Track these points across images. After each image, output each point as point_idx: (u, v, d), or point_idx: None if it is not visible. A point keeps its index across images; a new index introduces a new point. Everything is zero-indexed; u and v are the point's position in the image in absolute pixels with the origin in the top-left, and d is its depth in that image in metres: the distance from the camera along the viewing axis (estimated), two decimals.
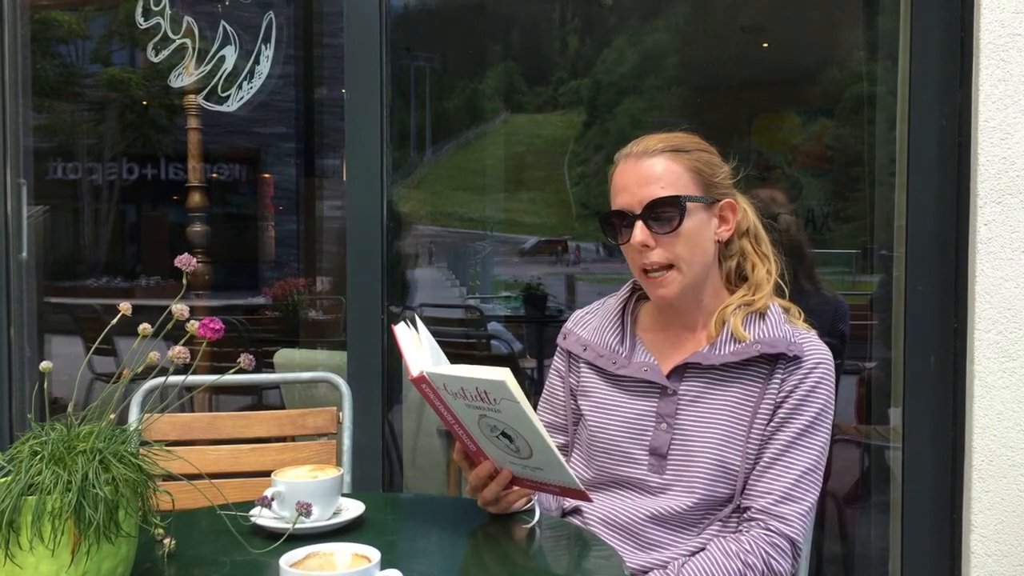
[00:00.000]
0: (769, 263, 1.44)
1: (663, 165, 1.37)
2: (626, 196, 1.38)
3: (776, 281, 1.43)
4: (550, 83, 8.89)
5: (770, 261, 1.44)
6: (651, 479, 1.38)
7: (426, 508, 1.45)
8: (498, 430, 1.19)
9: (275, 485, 1.24)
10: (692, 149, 1.40)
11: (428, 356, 1.24)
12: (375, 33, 2.26)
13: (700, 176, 1.38)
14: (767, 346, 1.34)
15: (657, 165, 1.37)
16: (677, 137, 1.41)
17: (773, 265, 1.44)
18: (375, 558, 0.95)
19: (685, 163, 1.38)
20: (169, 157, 10.52)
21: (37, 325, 2.85)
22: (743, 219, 1.44)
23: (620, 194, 1.39)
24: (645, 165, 1.37)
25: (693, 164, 1.38)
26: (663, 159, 1.37)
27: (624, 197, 1.38)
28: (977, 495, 1.87)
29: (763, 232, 1.47)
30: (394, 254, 2.31)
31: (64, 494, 0.95)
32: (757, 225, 1.47)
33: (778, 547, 1.31)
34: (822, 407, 1.36)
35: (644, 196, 1.35)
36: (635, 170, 1.38)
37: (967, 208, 1.89)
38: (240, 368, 1.06)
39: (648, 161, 1.37)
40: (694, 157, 1.39)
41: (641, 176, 1.37)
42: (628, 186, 1.38)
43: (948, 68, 1.94)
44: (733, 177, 1.44)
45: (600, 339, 1.47)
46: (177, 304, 1.00)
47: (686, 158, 1.38)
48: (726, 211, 1.41)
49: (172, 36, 2.56)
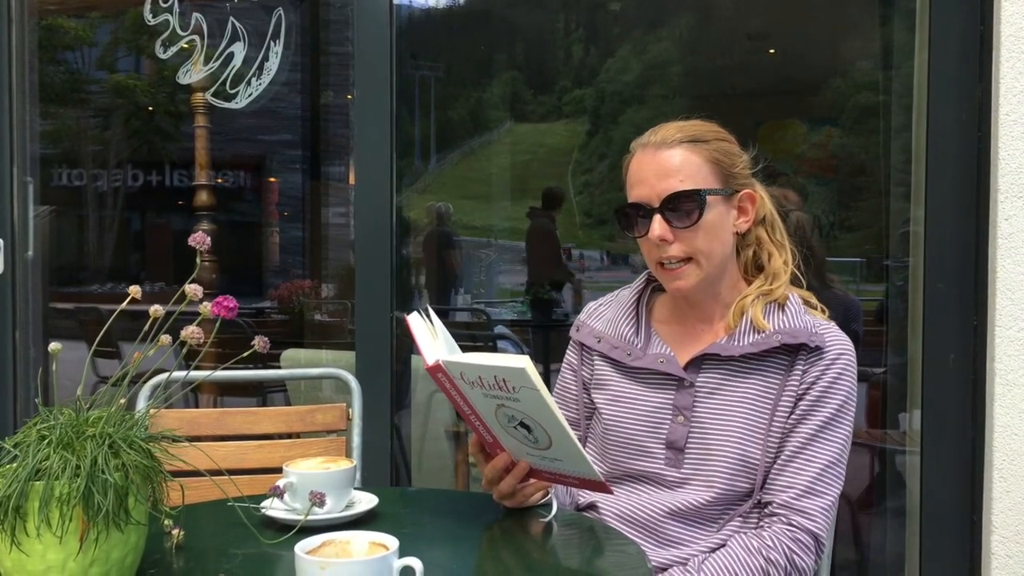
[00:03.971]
0: (785, 252, 1.41)
1: (682, 156, 1.33)
2: (644, 188, 1.34)
3: (793, 271, 1.40)
4: (554, 92, 8.91)
5: (786, 250, 1.41)
6: (668, 473, 1.35)
7: (440, 502, 1.42)
8: (516, 420, 1.16)
9: (287, 476, 1.21)
10: (711, 139, 1.36)
11: (443, 346, 1.21)
12: (385, 40, 2.26)
13: (719, 167, 1.35)
14: (788, 336, 1.31)
15: (676, 157, 1.33)
16: (695, 126, 1.38)
17: (789, 255, 1.41)
18: (393, 546, 0.92)
19: (704, 154, 1.34)
20: (174, 164, 10.54)
21: (43, 326, 2.83)
22: (760, 207, 1.41)
23: (637, 186, 1.36)
24: (663, 156, 1.34)
25: (712, 155, 1.35)
26: (682, 150, 1.34)
27: (641, 189, 1.35)
28: (998, 495, 1.83)
29: (779, 221, 1.44)
30: (400, 259, 2.29)
31: (72, 479, 0.92)
32: (774, 214, 1.43)
33: (801, 543, 1.28)
34: (845, 399, 1.33)
35: (662, 189, 1.32)
36: (653, 161, 1.34)
37: (987, 204, 1.86)
38: (254, 351, 1.03)
39: (666, 152, 1.34)
40: (713, 147, 1.35)
41: (659, 168, 1.33)
42: (646, 178, 1.34)
43: (967, 62, 1.92)
44: (752, 167, 1.42)
45: (614, 331, 1.44)
46: (190, 284, 0.97)
47: (705, 149, 1.35)
48: (745, 202, 1.38)
49: (180, 33, 2.55)
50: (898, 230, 2.44)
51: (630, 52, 8.24)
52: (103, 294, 8.57)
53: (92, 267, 9.94)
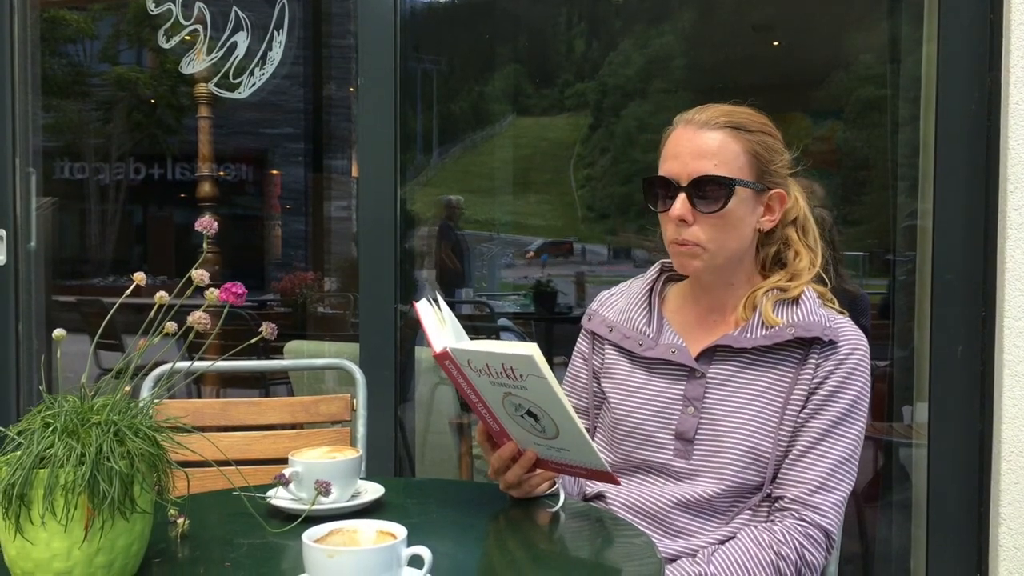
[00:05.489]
0: (814, 255, 1.38)
1: (721, 141, 1.30)
2: (676, 164, 1.31)
3: (819, 273, 1.37)
4: (556, 86, 8.87)
5: (815, 253, 1.38)
6: (677, 464, 1.34)
7: (446, 492, 1.41)
8: (523, 408, 1.15)
9: (292, 465, 1.20)
10: (755, 130, 1.33)
11: (451, 333, 1.20)
12: (389, 32, 2.25)
13: (757, 160, 1.32)
14: (802, 330, 1.29)
15: (715, 140, 1.30)
16: (743, 113, 1.34)
17: (818, 257, 1.38)
18: (401, 535, 0.91)
19: (745, 143, 1.31)
20: (176, 157, 10.52)
21: (45, 318, 2.82)
22: (793, 207, 1.38)
23: (670, 160, 1.33)
24: (703, 137, 1.30)
25: (752, 146, 1.31)
26: (723, 134, 1.30)
27: (673, 164, 1.31)
28: (1006, 487, 1.82)
29: (812, 223, 1.40)
30: (403, 252, 2.29)
31: (77, 467, 0.91)
32: (807, 215, 1.40)
33: (812, 538, 1.27)
34: (858, 394, 1.31)
35: (694, 169, 1.29)
36: (692, 139, 1.31)
37: (996, 193, 1.85)
38: (260, 339, 1.02)
39: (707, 134, 1.30)
40: (755, 139, 1.32)
41: (696, 147, 1.30)
42: (680, 154, 1.31)
43: (977, 51, 1.90)
44: (792, 168, 1.38)
45: (626, 320, 1.43)
46: (196, 271, 0.96)
47: (747, 138, 1.31)
48: (774, 201, 1.35)
49: (183, 22, 2.54)
50: (902, 224, 2.43)
51: (632, 46, 8.20)
52: (105, 287, 8.56)
53: (94, 260, 9.94)
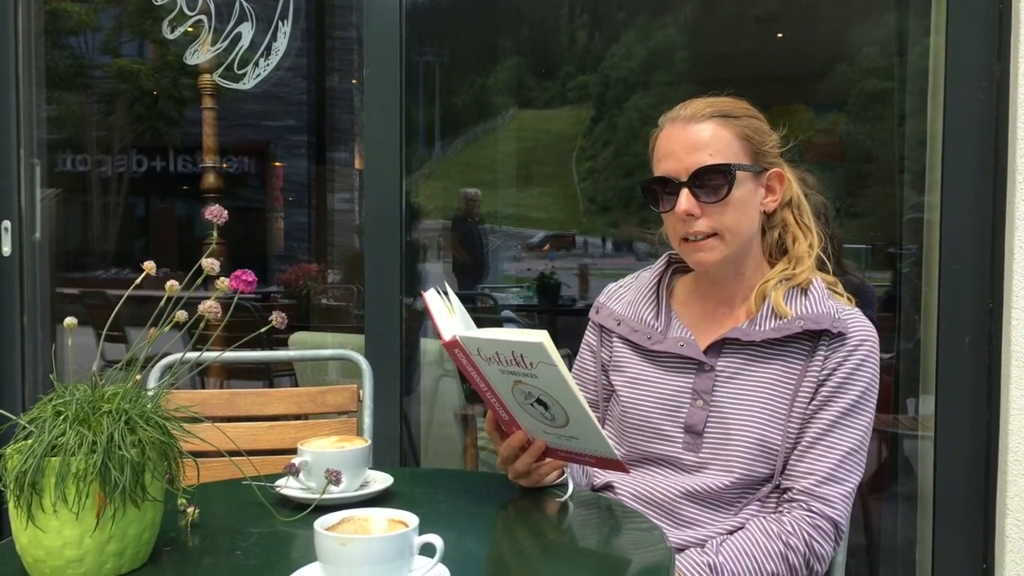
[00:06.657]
0: (811, 236, 1.38)
1: (712, 131, 1.31)
2: (672, 162, 1.32)
3: (818, 255, 1.38)
4: (558, 79, 8.84)
5: (812, 234, 1.39)
6: (685, 457, 1.34)
7: (455, 482, 1.40)
8: (533, 397, 1.15)
9: (302, 455, 1.20)
10: (741, 115, 1.34)
11: (460, 322, 1.20)
12: (394, 24, 2.24)
13: (749, 144, 1.33)
14: (811, 322, 1.29)
15: (705, 131, 1.31)
16: (726, 102, 1.35)
17: (815, 238, 1.38)
18: (413, 523, 0.91)
19: (734, 129, 1.32)
20: (179, 149, 10.51)
21: (50, 309, 2.82)
22: (787, 189, 1.39)
23: (665, 160, 1.33)
24: (693, 130, 1.31)
25: (742, 131, 1.32)
26: (712, 125, 1.31)
27: (669, 163, 1.32)
28: (1013, 478, 1.82)
29: (805, 204, 1.41)
30: (407, 244, 2.29)
31: (89, 455, 0.91)
32: (800, 196, 1.41)
33: (821, 529, 1.27)
34: (867, 386, 1.31)
35: (691, 163, 1.30)
36: (682, 135, 1.32)
37: (1004, 184, 1.84)
38: (270, 328, 1.02)
39: (696, 127, 1.31)
40: (743, 124, 1.33)
41: (689, 142, 1.31)
42: (674, 152, 1.32)
43: (985, 42, 1.89)
44: (782, 146, 1.39)
45: (634, 313, 1.42)
46: (206, 259, 0.96)
47: (736, 124, 1.32)
48: (773, 181, 1.36)
49: (188, 13, 2.53)
50: (906, 216, 2.42)
51: (635, 38, 8.17)
52: (108, 279, 8.56)
53: (97, 252, 9.94)
